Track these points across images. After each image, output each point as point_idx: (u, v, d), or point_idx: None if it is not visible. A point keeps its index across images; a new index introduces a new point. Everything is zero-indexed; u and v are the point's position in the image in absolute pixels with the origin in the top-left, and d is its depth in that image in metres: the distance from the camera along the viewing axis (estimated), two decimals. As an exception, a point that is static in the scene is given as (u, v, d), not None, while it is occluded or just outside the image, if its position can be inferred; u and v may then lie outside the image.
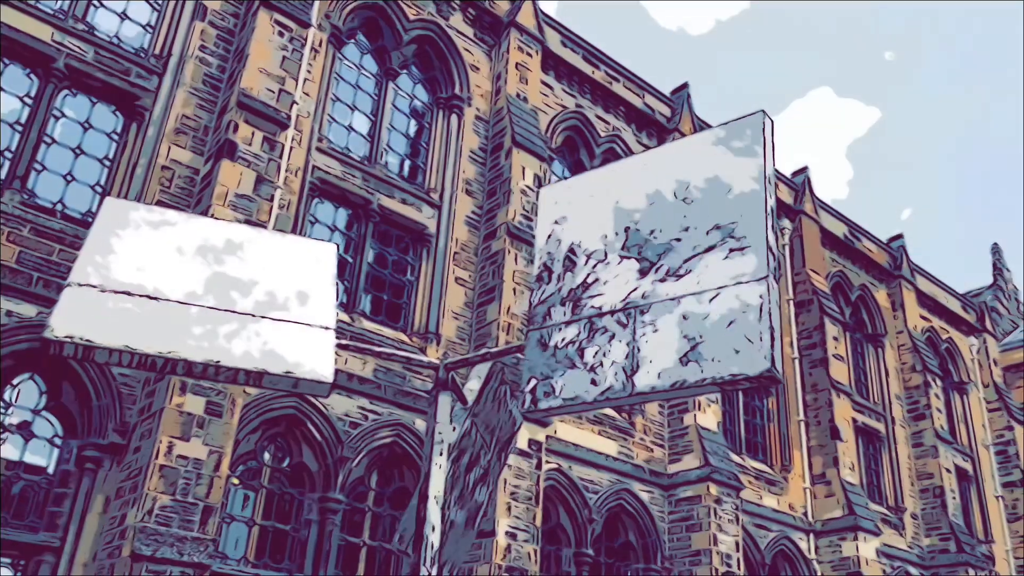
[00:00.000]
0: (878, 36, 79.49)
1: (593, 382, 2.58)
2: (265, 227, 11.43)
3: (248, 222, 11.15)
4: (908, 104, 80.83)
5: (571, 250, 2.87)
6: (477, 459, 3.27)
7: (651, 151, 2.95)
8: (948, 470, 22.60)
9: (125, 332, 2.62)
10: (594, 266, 2.79)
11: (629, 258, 2.70)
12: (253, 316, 2.83)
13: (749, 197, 2.54)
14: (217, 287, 2.87)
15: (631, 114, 19.18)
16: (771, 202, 2.53)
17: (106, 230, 2.92)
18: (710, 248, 2.54)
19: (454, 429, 3.09)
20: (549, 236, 2.97)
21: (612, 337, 2.61)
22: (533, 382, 2.71)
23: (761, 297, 2.36)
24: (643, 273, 2.64)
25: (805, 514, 18.96)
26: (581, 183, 3.12)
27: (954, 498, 22.43)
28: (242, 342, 2.74)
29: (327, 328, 2.91)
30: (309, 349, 2.80)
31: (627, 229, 2.76)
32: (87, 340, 2.55)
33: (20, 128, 11.39)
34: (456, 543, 3.11)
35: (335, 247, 3.31)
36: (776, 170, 21.99)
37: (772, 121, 2.65)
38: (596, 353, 2.62)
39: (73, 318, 2.60)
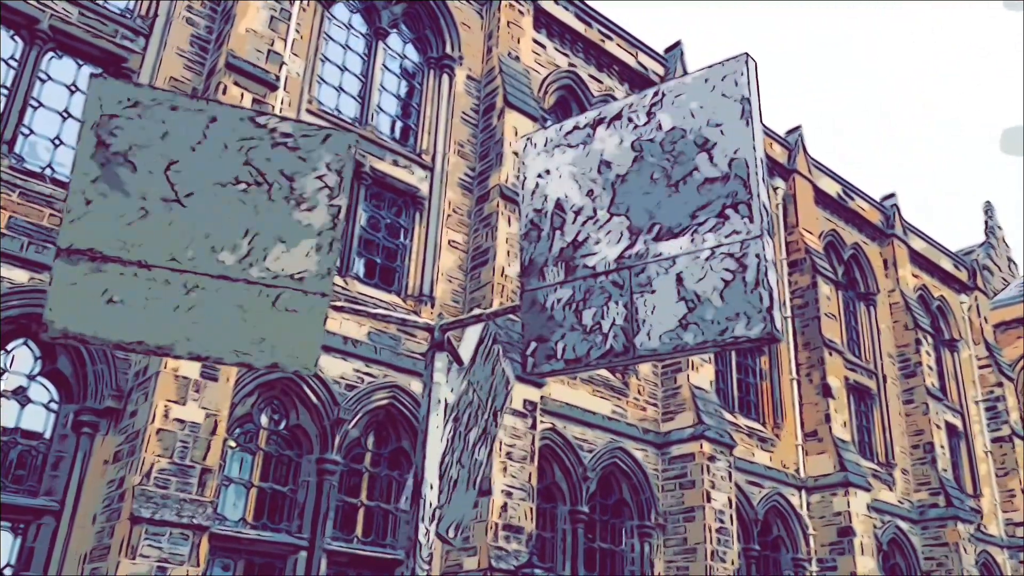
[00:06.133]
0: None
1: (593, 344, 2.58)
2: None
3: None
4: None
5: (558, 206, 2.74)
6: (475, 419, 3.29)
7: (633, 97, 2.73)
8: (938, 426, 22.85)
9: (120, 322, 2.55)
10: (583, 223, 2.68)
11: (620, 215, 2.61)
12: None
13: (739, 149, 2.43)
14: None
15: (624, 73, 19.00)
16: (759, 154, 2.42)
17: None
18: (703, 206, 2.46)
19: (452, 391, 3.09)
20: (534, 190, 2.81)
21: (609, 298, 2.58)
22: (533, 345, 2.70)
23: (758, 256, 2.34)
24: (634, 232, 2.58)
25: (797, 471, 19.19)
26: (564, 131, 2.90)
27: (944, 454, 22.71)
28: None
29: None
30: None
31: (613, 184, 2.65)
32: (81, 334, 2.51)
33: (6, 92, 11.23)
34: (460, 502, 3.13)
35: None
36: (768, 128, 21.95)
37: (756, 62, 2.49)
38: (594, 315, 2.60)
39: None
